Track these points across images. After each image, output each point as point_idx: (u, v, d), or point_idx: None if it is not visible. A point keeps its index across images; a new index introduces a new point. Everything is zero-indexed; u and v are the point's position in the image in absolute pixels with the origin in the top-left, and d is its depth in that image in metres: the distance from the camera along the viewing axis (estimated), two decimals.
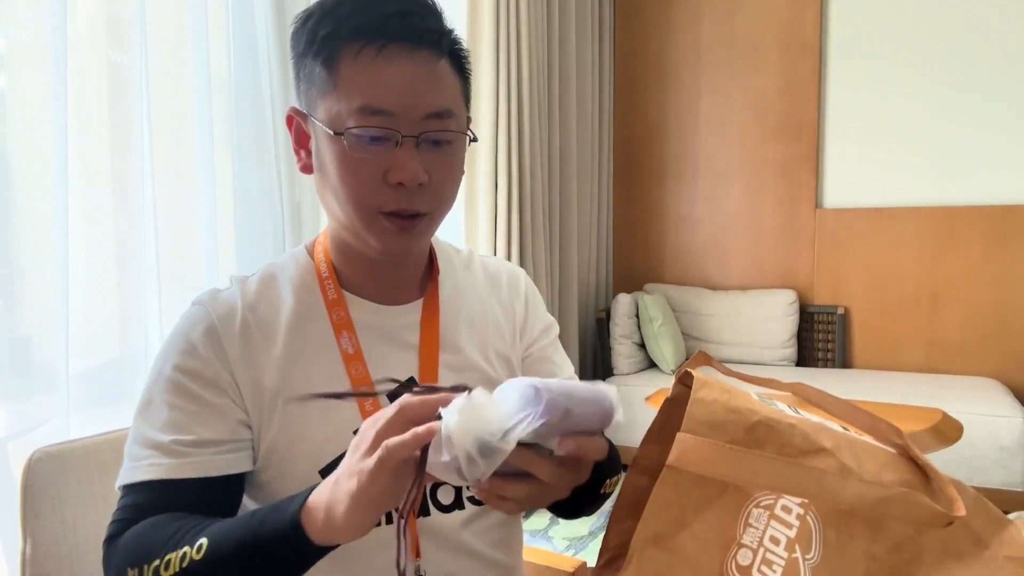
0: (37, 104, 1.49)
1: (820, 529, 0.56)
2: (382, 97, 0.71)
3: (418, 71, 0.72)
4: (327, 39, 0.72)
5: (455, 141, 0.76)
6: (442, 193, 0.77)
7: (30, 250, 1.51)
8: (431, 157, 0.74)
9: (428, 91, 0.73)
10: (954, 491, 0.56)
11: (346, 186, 0.73)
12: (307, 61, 0.74)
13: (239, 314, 0.78)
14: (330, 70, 0.72)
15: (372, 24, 0.71)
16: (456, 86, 0.77)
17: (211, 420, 0.74)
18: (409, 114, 0.72)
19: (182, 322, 0.79)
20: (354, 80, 0.71)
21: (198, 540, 0.62)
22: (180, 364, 0.75)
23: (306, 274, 0.83)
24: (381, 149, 0.72)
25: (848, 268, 3.67)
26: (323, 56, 0.72)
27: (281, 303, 0.81)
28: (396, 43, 0.71)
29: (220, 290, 0.82)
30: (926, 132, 3.49)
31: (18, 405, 1.51)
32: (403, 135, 0.72)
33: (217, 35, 1.86)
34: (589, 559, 1.59)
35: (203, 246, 1.84)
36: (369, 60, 0.71)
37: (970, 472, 2.78)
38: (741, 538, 0.55)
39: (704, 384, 0.57)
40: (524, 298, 0.95)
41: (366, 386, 0.79)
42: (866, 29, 3.58)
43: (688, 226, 4.02)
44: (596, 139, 3.83)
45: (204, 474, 0.72)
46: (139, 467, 0.72)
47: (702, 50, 3.92)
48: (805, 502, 0.57)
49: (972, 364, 3.42)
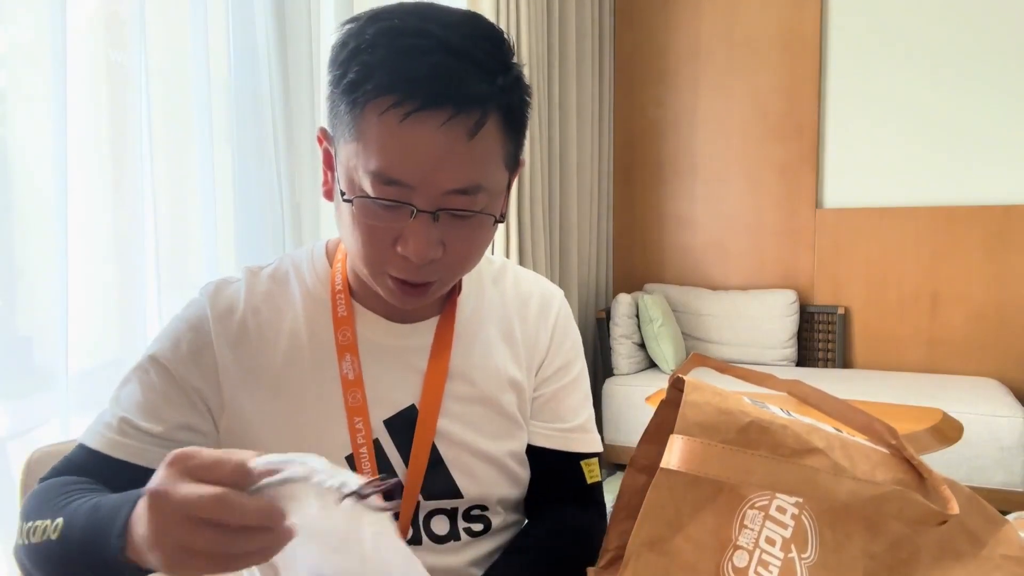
0: (37, 103, 1.49)
1: (816, 529, 0.56)
2: (400, 168, 0.64)
3: (448, 145, 0.63)
4: (352, 86, 0.64)
5: (483, 217, 0.69)
6: (459, 264, 0.72)
7: (30, 250, 1.51)
8: (451, 228, 0.68)
9: (455, 167, 0.65)
10: (948, 491, 0.56)
11: (355, 243, 0.69)
12: (335, 92, 0.67)
13: (238, 314, 0.76)
14: (353, 116, 0.65)
15: (402, 83, 0.62)
16: (498, 153, 0.68)
17: (164, 413, 0.72)
18: (429, 189, 0.65)
19: (183, 311, 0.78)
20: (374, 140, 0.64)
21: (59, 517, 0.59)
22: (160, 352, 0.74)
23: (320, 283, 0.79)
24: (394, 217, 0.66)
25: (848, 268, 3.67)
26: (347, 100, 0.65)
27: (287, 309, 0.78)
28: (427, 110, 0.62)
29: (230, 282, 0.79)
30: (926, 132, 3.48)
31: (18, 405, 1.51)
32: (418, 209, 0.65)
33: (217, 35, 1.86)
34: None
35: (203, 246, 1.84)
36: (394, 124, 0.63)
37: (970, 472, 2.78)
38: (737, 539, 0.55)
39: (695, 388, 0.57)
40: (552, 327, 0.87)
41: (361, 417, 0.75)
42: (866, 29, 3.57)
43: (688, 226, 4.02)
44: (596, 139, 3.83)
45: (134, 460, 0.71)
46: (92, 431, 0.72)
47: (702, 50, 3.92)
48: (800, 502, 0.57)
49: (972, 364, 3.42)
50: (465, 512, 0.80)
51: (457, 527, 0.79)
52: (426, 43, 0.63)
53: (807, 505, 0.57)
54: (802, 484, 0.50)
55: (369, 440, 0.75)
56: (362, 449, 0.75)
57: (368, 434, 0.75)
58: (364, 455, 0.75)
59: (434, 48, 0.63)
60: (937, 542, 0.59)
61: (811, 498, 0.56)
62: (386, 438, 0.76)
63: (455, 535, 0.79)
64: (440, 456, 0.77)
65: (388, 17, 0.65)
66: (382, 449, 0.76)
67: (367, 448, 0.75)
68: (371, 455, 0.75)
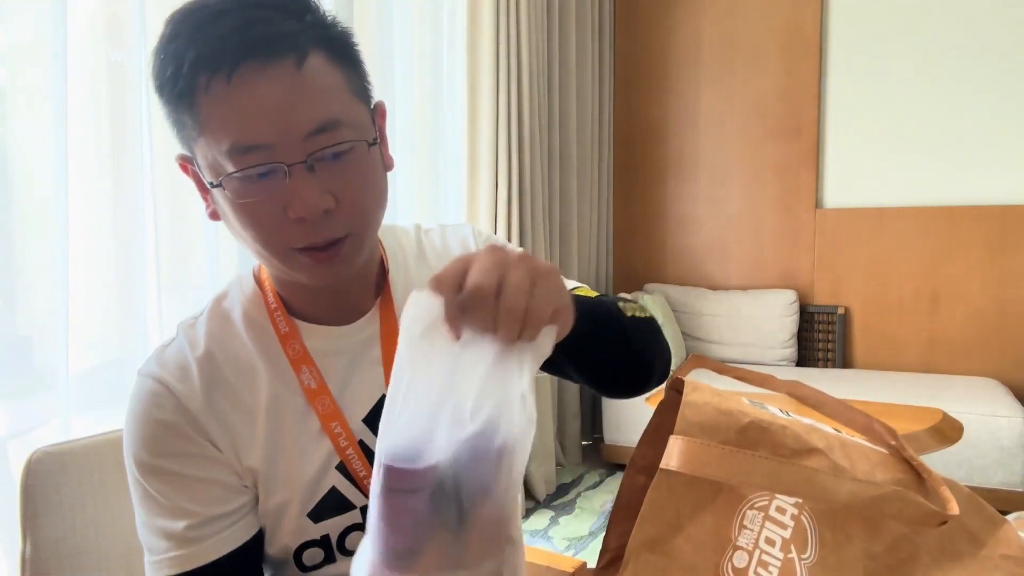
0: (37, 103, 1.49)
1: (816, 529, 0.56)
2: (249, 131, 0.61)
3: (280, 88, 0.62)
4: (173, 80, 0.62)
5: (356, 148, 0.66)
6: (358, 210, 0.68)
7: (30, 250, 1.51)
8: (333, 174, 0.65)
9: (300, 107, 0.62)
10: (947, 491, 0.57)
11: (248, 231, 0.66)
12: (169, 107, 0.65)
13: (194, 369, 0.72)
14: (190, 113, 0.63)
15: (211, 51, 0.61)
16: (338, 83, 0.66)
17: (210, 492, 0.71)
18: (287, 140, 0.62)
19: (133, 404, 0.72)
20: (214, 119, 0.62)
21: None
22: (150, 451, 0.70)
23: (254, 308, 0.76)
24: (269, 185, 0.63)
25: (848, 268, 3.67)
26: (176, 100, 0.63)
27: (234, 342, 0.75)
28: (244, 64, 0.61)
29: (166, 346, 0.75)
30: (926, 132, 3.48)
31: (18, 405, 1.51)
32: (288, 164, 0.62)
33: None
34: (589, 559, 1.59)
35: (203, 246, 1.84)
36: (221, 93, 0.61)
37: (970, 472, 2.78)
38: (736, 540, 0.55)
39: (695, 388, 0.58)
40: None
41: (336, 420, 0.74)
42: (866, 29, 3.57)
43: (688, 226, 4.02)
44: (596, 139, 3.83)
45: (222, 553, 0.71)
46: (163, 561, 0.70)
47: (702, 50, 3.92)
48: (799, 502, 0.57)
49: (972, 364, 3.42)
50: None
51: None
52: (223, 5, 0.62)
53: (806, 506, 0.57)
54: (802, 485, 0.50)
55: (353, 442, 0.75)
56: (348, 451, 0.74)
57: (350, 436, 0.75)
58: (353, 456, 0.74)
59: (232, 8, 0.62)
60: (937, 542, 0.59)
61: (811, 498, 0.56)
62: (369, 436, 0.76)
63: None
64: None
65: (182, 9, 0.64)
66: (369, 449, 0.76)
67: (353, 449, 0.75)
68: (360, 456, 0.75)
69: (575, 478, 3.37)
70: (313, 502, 0.74)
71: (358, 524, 0.76)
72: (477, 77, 2.93)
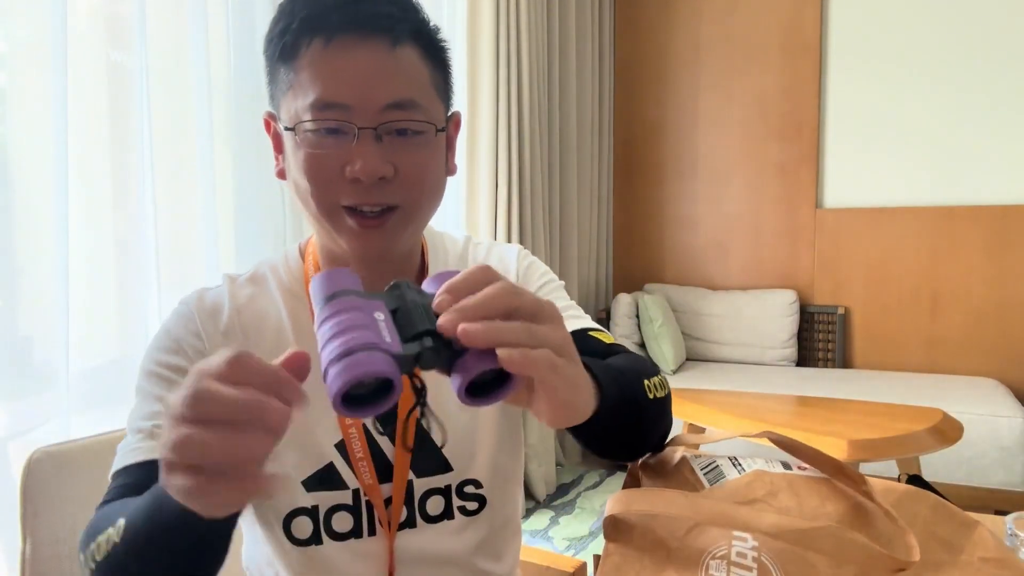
0: (37, 104, 1.49)
1: (779, 568, 0.57)
2: (334, 89, 0.67)
3: (372, 60, 0.68)
4: (280, 35, 0.70)
5: (426, 132, 0.71)
6: (413, 185, 0.71)
7: (30, 250, 1.51)
8: (397, 148, 0.70)
9: (385, 80, 0.68)
10: (912, 539, 0.57)
11: (305, 182, 0.70)
12: (271, 63, 0.73)
13: (225, 314, 0.77)
14: (288, 67, 0.70)
15: (320, 14, 0.68)
16: (424, 75, 0.72)
17: None
18: (365, 105, 0.68)
19: (166, 320, 0.78)
20: (307, 74, 0.68)
21: (119, 519, 0.57)
22: (163, 360, 0.75)
23: (295, 280, 0.80)
24: (337, 142, 0.69)
25: (848, 268, 3.67)
26: (279, 54, 0.70)
27: (269, 309, 0.79)
28: (344, 32, 0.68)
29: (208, 289, 0.81)
30: (926, 132, 3.49)
31: (18, 405, 1.51)
32: (359, 127, 0.68)
33: (217, 35, 1.86)
34: (589, 559, 1.59)
35: (203, 246, 1.84)
36: (319, 52, 0.68)
37: (970, 472, 2.78)
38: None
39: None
40: (516, 278, 0.87)
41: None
42: (866, 29, 3.58)
43: (688, 226, 4.02)
44: (596, 139, 3.83)
45: None
46: (124, 453, 0.71)
47: (702, 50, 3.92)
48: (756, 545, 0.58)
49: (972, 364, 3.42)
50: (458, 489, 0.81)
51: (451, 506, 0.80)
52: None
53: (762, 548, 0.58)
54: (719, 516, 0.52)
55: (358, 424, 0.77)
56: (351, 430, 0.76)
57: (356, 419, 0.76)
58: (355, 437, 0.76)
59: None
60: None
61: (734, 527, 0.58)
62: (371, 421, 0.77)
63: (449, 514, 0.80)
64: (425, 432, 0.79)
65: None
66: (369, 433, 0.77)
67: (356, 430, 0.76)
68: (362, 438, 0.76)
69: (575, 478, 3.37)
70: (309, 471, 0.75)
71: (347, 506, 0.77)
72: (477, 77, 2.93)
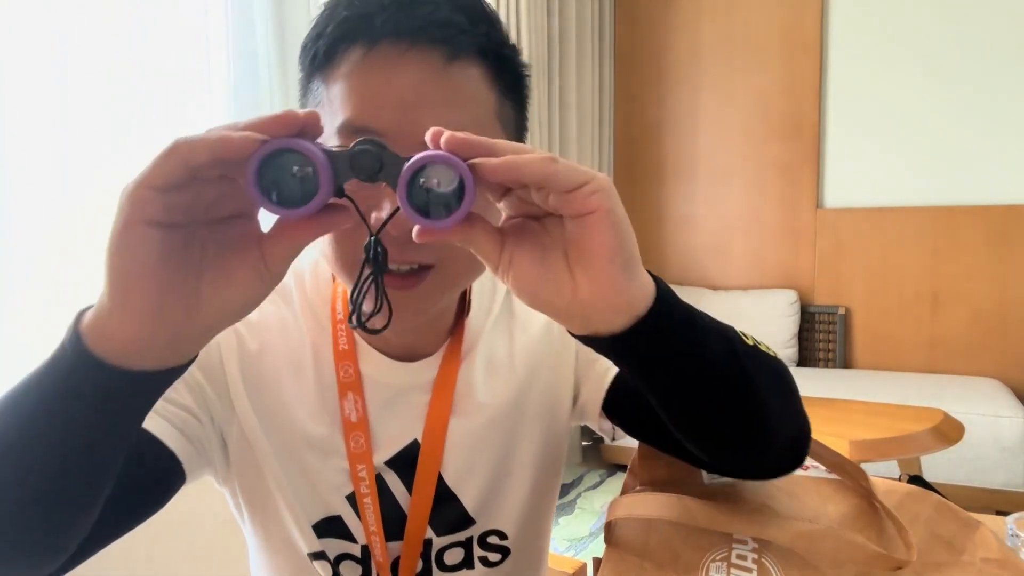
0: (37, 104, 1.49)
1: (779, 570, 0.57)
2: (368, 112, 0.54)
3: (416, 77, 0.53)
4: (315, 40, 0.57)
5: None
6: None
7: (30, 250, 1.51)
8: None
9: (432, 104, 0.53)
10: (910, 537, 0.57)
11: (328, 239, 0.57)
12: (305, 73, 0.60)
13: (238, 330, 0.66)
14: (321, 79, 0.57)
15: (362, 15, 0.54)
16: (487, 102, 0.57)
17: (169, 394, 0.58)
18: (403, 135, 0.51)
19: None
20: (339, 89, 0.55)
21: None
22: None
23: (320, 300, 0.69)
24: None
25: (849, 268, 3.66)
26: (313, 62, 0.58)
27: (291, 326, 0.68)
28: (389, 40, 0.53)
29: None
30: (927, 132, 3.48)
31: None
32: None
33: (217, 35, 1.86)
34: (589, 559, 1.59)
35: None
36: (357, 64, 0.54)
37: (971, 473, 2.77)
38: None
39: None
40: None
41: (363, 464, 0.66)
42: (867, 29, 3.57)
43: (688, 226, 4.02)
44: (596, 139, 3.83)
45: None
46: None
47: (702, 50, 3.92)
48: (756, 547, 0.58)
49: (973, 364, 3.42)
50: (480, 539, 0.73)
51: (472, 556, 0.72)
52: None
53: (762, 551, 0.58)
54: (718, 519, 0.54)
55: (371, 476, 0.68)
56: (364, 485, 0.68)
57: (370, 471, 0.67)
58: (366, 492, 0.68)
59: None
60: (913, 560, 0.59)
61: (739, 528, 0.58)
62: (391, 474, 0.70)
63: (469, 563, 0.72)
64: (447, 486, 0.70)
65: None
66: (384, 482, 0.69)
67: (369, 483, 0.68)
68: (373, 492, 0.68)
69: (575, 479, 3.37)
70: (316, 517, 0.69)
71: (355, 557, 0.70)
72: None
